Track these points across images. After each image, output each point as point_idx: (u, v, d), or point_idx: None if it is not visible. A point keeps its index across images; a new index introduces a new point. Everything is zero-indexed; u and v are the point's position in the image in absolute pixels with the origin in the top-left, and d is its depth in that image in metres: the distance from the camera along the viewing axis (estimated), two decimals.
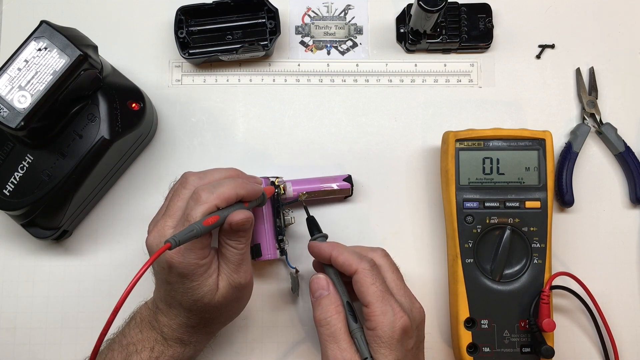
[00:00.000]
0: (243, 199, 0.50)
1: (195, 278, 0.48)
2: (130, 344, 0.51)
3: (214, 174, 0.52)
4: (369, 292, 0.48)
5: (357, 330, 0.49)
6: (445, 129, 0.61)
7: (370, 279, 0.48)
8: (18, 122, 0.49)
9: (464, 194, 0.58)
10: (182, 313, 0.50)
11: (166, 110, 0.64)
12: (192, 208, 0.48)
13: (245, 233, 0.50)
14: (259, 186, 0.53)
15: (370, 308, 0.47)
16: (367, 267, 0.49)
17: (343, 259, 0.50)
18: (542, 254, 0.57)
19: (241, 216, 0.48)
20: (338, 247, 0.52)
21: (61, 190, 0.55)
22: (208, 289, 0.49)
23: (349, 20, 0.66)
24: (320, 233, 0.55)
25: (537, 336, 0.56)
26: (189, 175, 0.51)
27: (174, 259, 0.48)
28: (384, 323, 0.47)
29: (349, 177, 0.61)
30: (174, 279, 0.49)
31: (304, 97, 0.65)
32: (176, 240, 0.45)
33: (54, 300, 0.61)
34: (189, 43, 0.63)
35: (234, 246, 0.49)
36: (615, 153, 0.63)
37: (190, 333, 0.51)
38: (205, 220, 0.47)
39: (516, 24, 0.65)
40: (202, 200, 0.48)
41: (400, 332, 0.47)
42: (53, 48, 0.50)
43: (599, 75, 0.64)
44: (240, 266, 0.50)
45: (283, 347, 0.61)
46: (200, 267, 0.48)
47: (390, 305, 0.47)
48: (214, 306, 0.50)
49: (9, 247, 0.62)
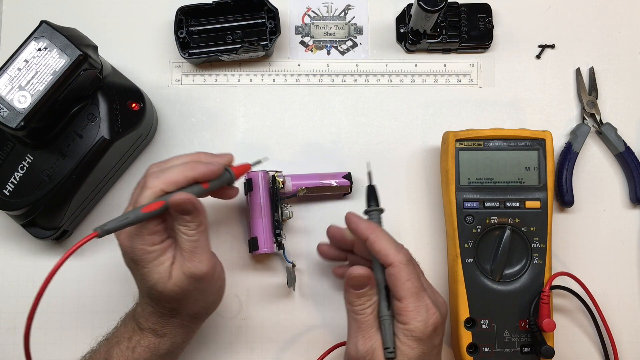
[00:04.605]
0: (198, 180, 0.49)
1: (145, 264, 0.48)
2: (114, 337, 0.52)
3: (173, 160, 0.51)
4: (404, 287, 0.47)
5: (387, 318, 0.48)
6: (445, 129, 0.61)
7: (406, 274, 0.47)
8: (18, 122, 0.49)
9: (464, 194, 0.58)
10: (148, 302, 0.50)
11: (166, 110, 0.64)
12: (139, 194, 0.48)
13: (192, 217, 0.48)
14: (216, 165, 0.50)
15: (403, 303, 0.47)
16: (404, 262, 0.47)
17: (380, 247, 0.48)
18: (542, 254, 0.57)
19: (179, 197, 0.47)
20: (377, 231, 0.49)
21: (61, 190, 0.55)
22: (159, 277, 0.48)
23: (349, 20, 0.66)
24: (377, 206, 0.52)
25: (537, 336, 0.56)
26: (151, 165, 0.51)
27: (123, 244, 0.48)
28: (417, 319, 0.46)
29: (349, 174, 0.61)
30: (129, 264, 0.50)
31: (304, 97, 0.65)
32: (104, 228, 0.45)
33: (54, 300, 0.61)
34: (189, 43, 0.63)
35: (184, 232, 0.48)
36: (615, 153, 0.63)
37: (162, 324, 0.51)
38: (147, 207, 0.46)
39: (516, 24, 0.65)
40: (147, 185, 0.48)
41: (432, 329, 0.47)
42: (53, 48, 0.50)
43: (599, 75, 0.64)
44: (194, 255, 0.48)
45: (281, 345, 0.61)
46: (150, 254, 0.48)
47: (424, 302, 0.47)
48: (168, 295, 0.48)
49: (9, 247, 0.62)
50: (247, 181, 0.59)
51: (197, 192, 0.49)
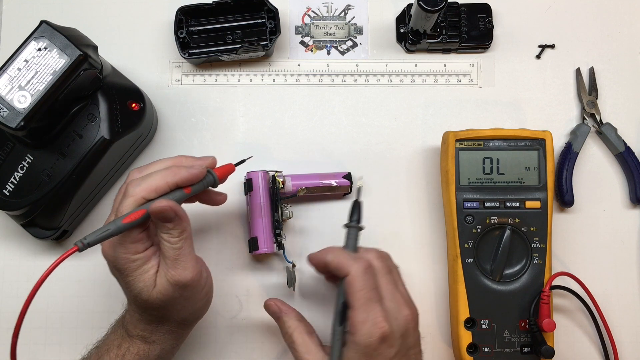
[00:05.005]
0: (179, 185, 0.48)
1: (129, 273, 0.48)
2: (104, 344, 0.51)
3: (154, 166, 0.50)
4: (355, 297, 0.46)
5: (336, 333, 0.48)
6: (445, 129, 0.61)
7: (360, 284, 0.46)
8: (18, 122, 0.49)
9: (464, 194, 0.58)
10: (135, 309, 0.50)
11: (166, 110, 0.64)
12: (121, 202, 0.47)
13: (174, 225, 0.47)
14: (198, 168, 0.49)
15: (352, 313, 0.46)
16: (359, 271, 0.47)
17: (337, 262, 0.48)
18: (542, 254, 0.57)
19: (159, 205, 0.46)
20: (332, 251, 0.50)
21: (61, 190, 0.55)
22: (143, 285, 0.47)
23: (349, 20, 0.66)
24: (358, 222, 0.52)
25: (537, 336, 0.56)
26: (131, 171, 0.50)
27: (106, 254, 0.48)
28: (362, 331, 0.45)
29: (349, 174, 0.61)
30: (114, 273, 0.50)
31: (304, 97, 0.65)
32: (84, 242, 0.44)
33: (54, 300, 0.61)
34: (189, 43, 0.63)
35: (167, 239, 0.47)
36: (615, 153, 0.63)
37: (150, 330, 0.50)
38: (127, 217, 0.46)
39: (516, 24, 0.65)
40: (128, 193, 0.47)
41: (377, 341, 0.45)
42: (53, 48, 0.50)
43: (599, 75, 0.64)
44: (177, 262, 0.47)
45: (281, 345, 0.61)
46: (133, 262, 0.47)
47: (373, 313, 0.46)
48: (154, 303, 0.48)
49: (9, 247, 0.62)
50: (247, 181, 0.59)
51: (179, 198, 0.48)
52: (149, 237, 0.49)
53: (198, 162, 0.51)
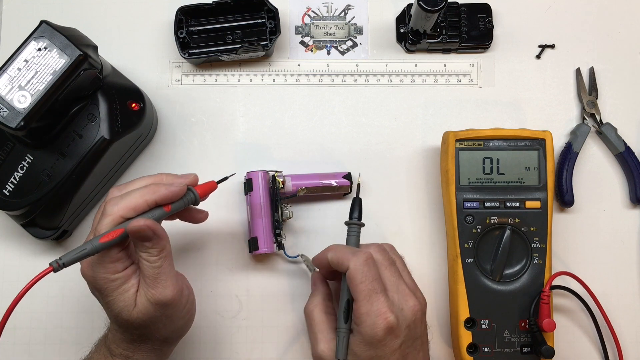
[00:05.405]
0: (159, 204, 0.48)
1: (109, 293, 0.47)
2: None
3: (134, 184, 0.50)
4: (357, 290, 0.47)
5: (341, 331, 0.49)
6: (445, 129, 0.61)
7: (360, 277, 0.47)
8: (18, 122, 0.49)
9: (464, 194, 0.58)
10: (117, 328, 0.49)
11: (166, 110, 0.64)
12: (99, 221, 0.47)
13: (152, 244, 0.46)
14: (177, 186, 0.48)
15: (356, 305, 0.47)
16: (360, 263, 0.47)
17: (337, 258, 0.49)
18: (542, 253, 0.57)
19: (137, 224, 0.45)
20: (333, 248, 0.50)
21: (61, 190, 0.55)
22: (124, 305, 0.47)
23: (349, 20, 0.66)
24: (359, 219, 0.53)
25: (537, 336, 0.56)
26: (111, 189, 0.50)
27: (85, 274, 0.48)
28: (366, 322, 0.46)
29: (349, 174, 0.61)
30: (94, 293, 0.49)
31: (304, 97, 0.65)
32: (60, 262, 0.44)
33: (53, 301, 0.61)
34: (189, 43, 0.63)
35: (145, 258, 0.47)
36: (615, 153, 0.63)
37: (132, 349, 0.50)
38: (105, 236, 0.45)
39: (516, 24, 0.65)
40: (106, 212, 0.47)
41: (383, 332, 0.46)
42: (53, 48, 0.50)
43: (599, 75, 0.64)
44: (157, 281, 0.47)
45: (281, 345, 0.61)
46: (112, 282, 0.47)
47: (376, 305, 0.46)
48: (135, 323, 0.47)
49: (9, 247, 0.62)
50: (247, 181, 0.59)
51: (158, 216, 0.48)
52: (128, 256, 0.48)
53: (178, 179, 0.50)
